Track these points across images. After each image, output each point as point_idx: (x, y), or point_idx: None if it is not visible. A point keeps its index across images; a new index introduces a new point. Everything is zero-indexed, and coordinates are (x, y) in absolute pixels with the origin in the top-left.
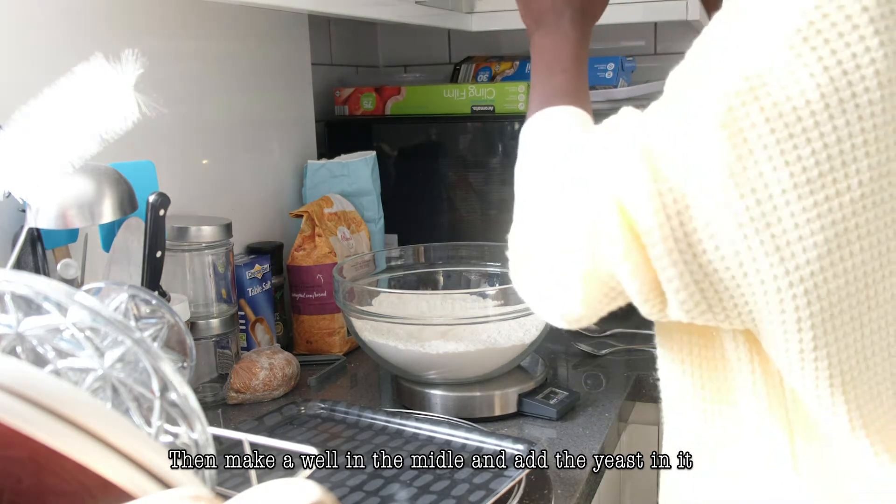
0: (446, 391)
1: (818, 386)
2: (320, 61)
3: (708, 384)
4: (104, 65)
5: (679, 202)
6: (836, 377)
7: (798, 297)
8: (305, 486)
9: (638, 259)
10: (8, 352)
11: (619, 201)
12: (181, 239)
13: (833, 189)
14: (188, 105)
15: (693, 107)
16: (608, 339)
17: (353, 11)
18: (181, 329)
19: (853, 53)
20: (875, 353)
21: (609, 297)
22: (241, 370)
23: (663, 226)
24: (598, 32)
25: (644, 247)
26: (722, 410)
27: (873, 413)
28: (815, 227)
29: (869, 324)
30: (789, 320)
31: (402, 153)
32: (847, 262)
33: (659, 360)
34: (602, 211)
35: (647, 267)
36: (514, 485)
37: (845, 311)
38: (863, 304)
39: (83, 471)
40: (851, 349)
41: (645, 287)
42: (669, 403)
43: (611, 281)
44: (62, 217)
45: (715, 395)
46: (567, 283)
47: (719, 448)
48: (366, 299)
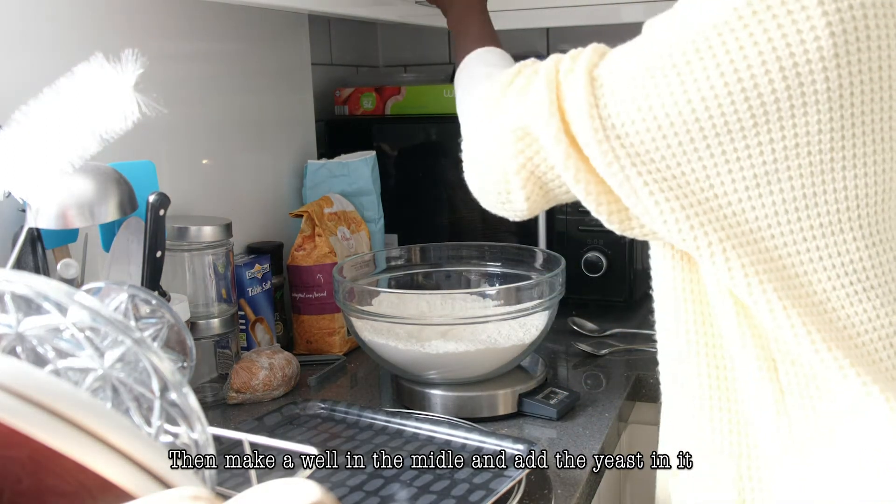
0: (446, 391)
1: (765, 302)
2: (320, 61)
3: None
4: (104, 65)
5: (618, 128)
6: (779, 293)
7: (718, 220)
8: (305, 486)
9: (580, 165)
10: (8, 352)
11: (564, 117)
12: (181, 239)
13: (767, 136)
14: (188, 105)
15: (649, 51)
16: (608, 339)
17: (353, 11)
18: (181, 329)
19: (798, 30)
20: (821, 280)
21: (545, 192)
22: (241, 370)
23: (602, 143)
24: (598, 32)
25: (586, 158)
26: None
27: (827, 326)
28: (744, 164)
29: (807, 252)
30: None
31: (402, 153)
32: (776, 196)
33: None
34: (546, 123)
35: (591, 174)
36: (514, 485)
37: (776, 238)
38: (796, 234)
39: (83, 471)
40: (791, 270)
41: (592, 189)
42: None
43: (544, 178)
44: (62, 217)
45: (705, 339)
46: (509, 183)
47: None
48: (366, 299)
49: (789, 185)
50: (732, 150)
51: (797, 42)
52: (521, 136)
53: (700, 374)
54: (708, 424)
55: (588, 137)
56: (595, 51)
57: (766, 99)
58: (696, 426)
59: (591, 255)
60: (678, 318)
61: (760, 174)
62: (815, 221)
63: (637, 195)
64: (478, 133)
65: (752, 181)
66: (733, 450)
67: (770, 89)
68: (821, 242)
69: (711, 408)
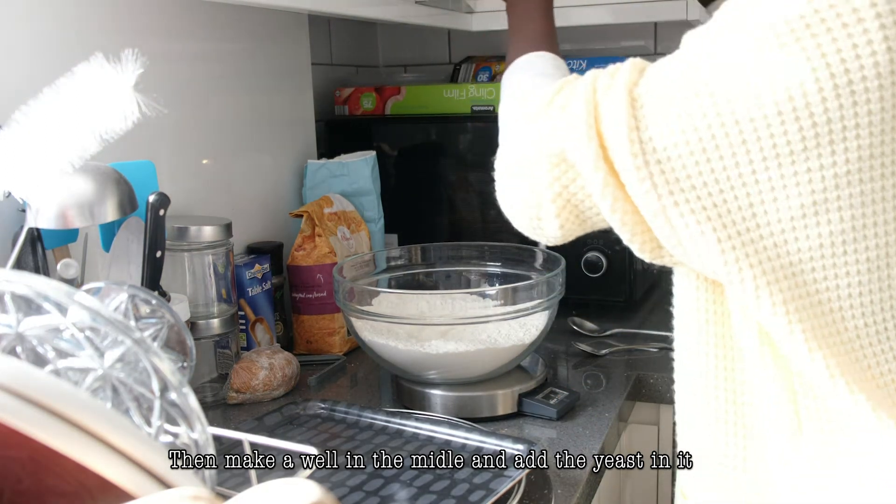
0: (446, 391)
1: (793, 340)
2: (320, 61)
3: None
4: (104, 65)
5: (659, 152)
6: (808, 331)
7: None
8: (305, 486)
9: (617, 193)
10: (8, 352)
11: (602, 141)
12: (181, 239)
13: (817, 162)
14: (188, 105)
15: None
16: (608, 339)
17: (353, 11)
18: (181, 329)
19: (854, 44)
20: (855, 316)
21: (581, 220)
22: (241, 370)
23: (640, 169)
24: (599, 32)
25: (623, 184)
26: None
27: (851, 366)
28: (791, 192)
29: (847, 287)
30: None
31: (402, 153)
32: (822, 227)
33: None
34: (583, 146)
35: (627, 202)
36: (514, 485)
37: (817, 271)
38: (839, 269)
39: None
40: (826, 307)
41: (627, 219)
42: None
43: (581, 206)
44: (62, 217)
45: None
46: (543, 207)
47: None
48: (366, 299)
49: (837, 217)
50: (779, 176)
51: (852, 57)
52: (556, 163)
53: (717, 387)
54: (723, 438)
55: (626, 163)
56: (634, 67)
57: (818, 119)
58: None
59: (591, 255)
60: (700, 340)
61: (808, 204)
62: (862, 256)
63: (672, 226)
64: (513, 155)
65: (797, 211)
66: (748, 465)
67: (822, 108)
68: (864, 278)
69: (727, 422)
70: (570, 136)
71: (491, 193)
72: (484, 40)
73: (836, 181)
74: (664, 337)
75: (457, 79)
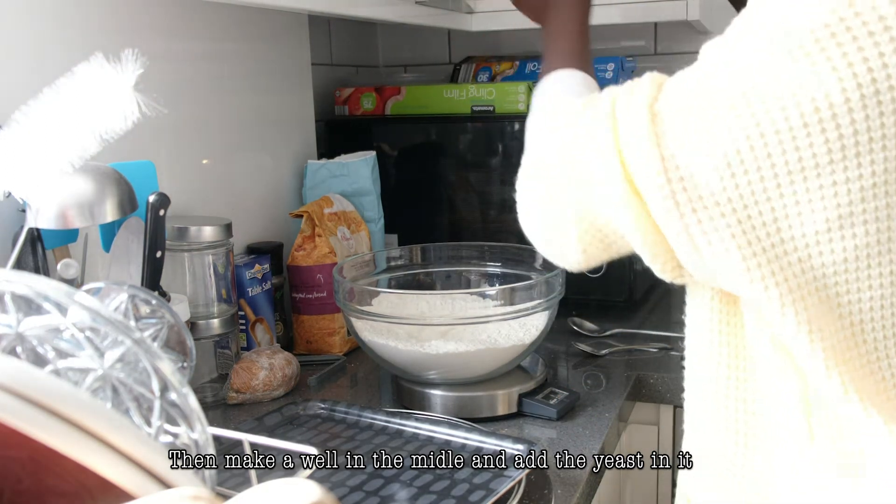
0: (446, 391)
1: (813, 358)
2: (320, 61)
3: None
4: (104, 65)
5: (682, 169)
6: (828, 349)
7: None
8: (305, 486)
9: (639, 212)
10: (8, 352)
11: (622, 159)
12: (181, 239)
13: (843, 175)
14: (188, 105)
15: (713, 81)
16: (608, 339)
17: (353, 11)
18: (181, 329)
19: (881, 53)
20: (875, 329)
21: (605, 245)
22: (241, 370)
23: (663, 187)
24: (598, 32)
25: (645, 202)
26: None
27: (866, 380)
28: (816, 207)
29: (869, 301)
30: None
31: (402, 153)
32: (847, 241)
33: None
34: (604, 164)
35: (649, 221)
36: (514, 485)
37: (840, 285)
38: (862, 282)
39: (83, 471)
40: (846, 320)
41: (648, 239)
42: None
43: (605, 229)
44: (62, 217)
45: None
46: (566, 231)
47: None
48: (366, 299)
49: (863, 230)
50: (805, 190)
51: (879, 66)
52: (578, 185)
53: (728, 396)
54: (731, 448)
55: (649, 181)
56: (653, 82)
57: (845, 131)
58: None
59: None
60: (712, 349)
61: (833, 218)
62: (886, 269)
63: (695, 245)
64: (536, 173)
65: (823, 225)
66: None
67: (849, 120)
68: (886, 291)
69: (737, 431)
70: (589, 156)
71: (491, 193)
72: (484, 40)
73: (861, 194)
74: (664, 337)
75: (457, 79)
